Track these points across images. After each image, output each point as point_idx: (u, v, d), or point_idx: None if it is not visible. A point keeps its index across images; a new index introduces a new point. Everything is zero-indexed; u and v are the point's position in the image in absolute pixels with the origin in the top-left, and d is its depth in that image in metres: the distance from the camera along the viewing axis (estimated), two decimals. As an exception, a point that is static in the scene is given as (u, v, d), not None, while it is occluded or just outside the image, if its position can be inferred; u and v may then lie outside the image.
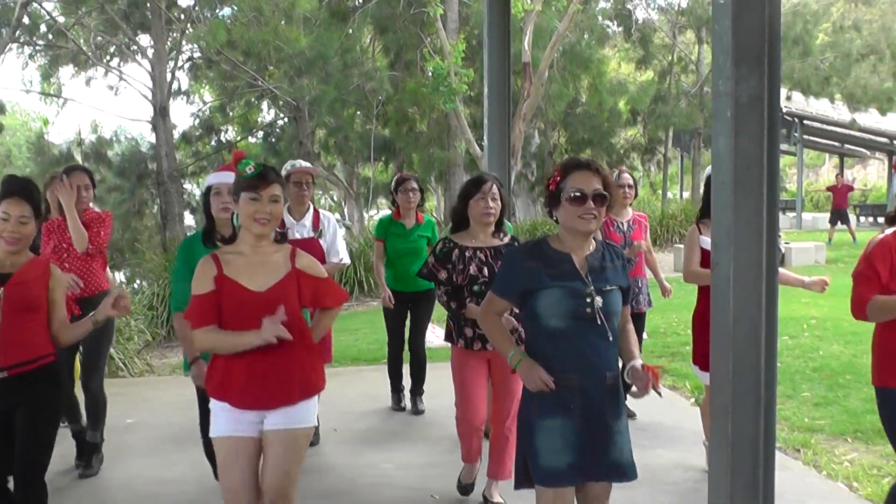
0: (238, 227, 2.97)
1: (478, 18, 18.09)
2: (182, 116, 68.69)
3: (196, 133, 22.27)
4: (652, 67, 26.34)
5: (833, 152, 33.62)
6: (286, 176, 4.87)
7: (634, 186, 5.51)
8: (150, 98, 18.48)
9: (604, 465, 2.75)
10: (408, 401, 6.12)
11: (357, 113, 21.58)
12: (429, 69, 16.62)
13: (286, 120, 21.88)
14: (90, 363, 4.78)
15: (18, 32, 17.77)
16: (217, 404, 2.97)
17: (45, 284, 3.26)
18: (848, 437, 5.25)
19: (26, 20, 17.92)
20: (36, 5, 18.03)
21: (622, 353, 2.89)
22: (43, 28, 19.07)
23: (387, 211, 6.63)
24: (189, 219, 19.89)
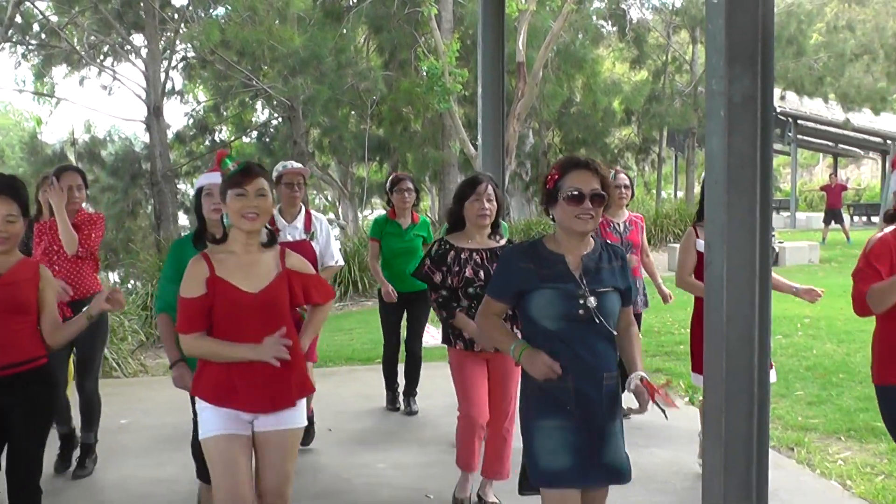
0: (229, 227, 2.93)
1: (472, 18, 18.12)
2: (176, 116, 68.69)
3: (190, 133, 22.24)
4: (646, 67, 26.36)
5: (827, 152, 33.77)
6: (277, 177, 4.82)
7: (631, 187, 5.50)
8: (144, 98, 18.42)
9: (601, 468, 2.73)
10: (401, 401, 6.11)
11: (351, 112, 21.56)
12: (423, 69, 16.61)
13: (280, 120, 21.85)
14: (85, 364, 4.75)
15: (11, 31, 17.68)
16: (204, 405, 2.93)
17: (35, 286, 3.19)
18: (841, 436, 5.26)
19: (19, 19, 17.85)
20: (29, 4, 17.98)
21: (624, 361, 2.87)
22: (36, 27, 19.04)
23: (381, 211, 6.62)
24: (183, 219, 19.80)
